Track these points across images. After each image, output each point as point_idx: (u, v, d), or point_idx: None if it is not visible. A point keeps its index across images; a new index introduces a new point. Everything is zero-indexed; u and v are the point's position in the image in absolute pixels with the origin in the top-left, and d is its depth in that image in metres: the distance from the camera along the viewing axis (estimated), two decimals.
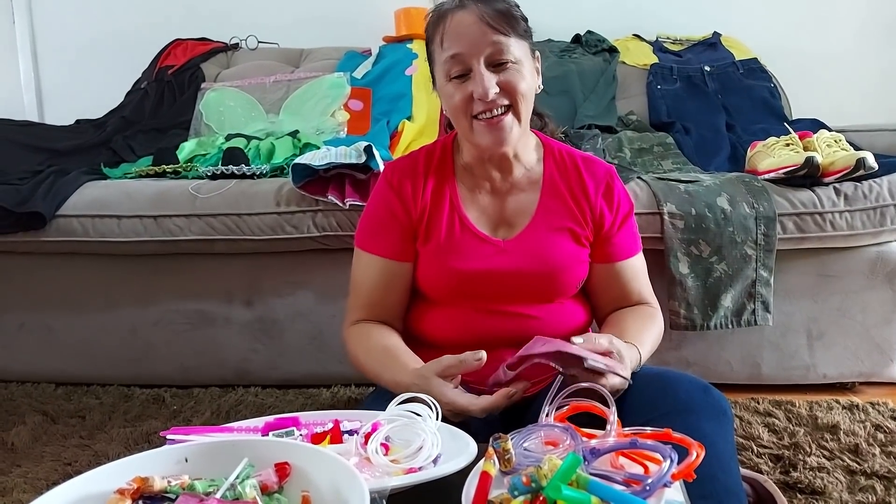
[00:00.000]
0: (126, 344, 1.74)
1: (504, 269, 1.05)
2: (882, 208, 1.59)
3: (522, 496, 0.58)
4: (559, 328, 1.07)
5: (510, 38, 0.98)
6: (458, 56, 0.99)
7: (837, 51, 2.61)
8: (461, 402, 0.89)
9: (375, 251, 1.10)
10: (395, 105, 2.26)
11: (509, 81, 0.99)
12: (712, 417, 0.87)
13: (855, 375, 1.70)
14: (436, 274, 1.07)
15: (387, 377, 1.01)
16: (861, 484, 1.20)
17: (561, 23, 2.56)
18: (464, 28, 0.98)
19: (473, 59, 0.98)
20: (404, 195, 1.09)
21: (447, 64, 1.00)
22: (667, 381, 0.93)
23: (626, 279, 1.12)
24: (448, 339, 1.07)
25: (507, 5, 1.01)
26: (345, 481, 0.60)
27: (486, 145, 1.02)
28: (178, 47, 2.58)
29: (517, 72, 0.99)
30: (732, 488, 0.81)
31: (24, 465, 1.34)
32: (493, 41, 0.97)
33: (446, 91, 1.02)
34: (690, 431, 0.68)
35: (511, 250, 1.06)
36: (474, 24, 0.98)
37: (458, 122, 1.04)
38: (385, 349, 1.05)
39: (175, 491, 0.59)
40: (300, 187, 1.60)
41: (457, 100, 1.00)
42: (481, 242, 1.07)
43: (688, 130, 2.18)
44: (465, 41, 0.98)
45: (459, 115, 1.02)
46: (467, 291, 1.06)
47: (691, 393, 0.90)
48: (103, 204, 1.66)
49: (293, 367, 1.74)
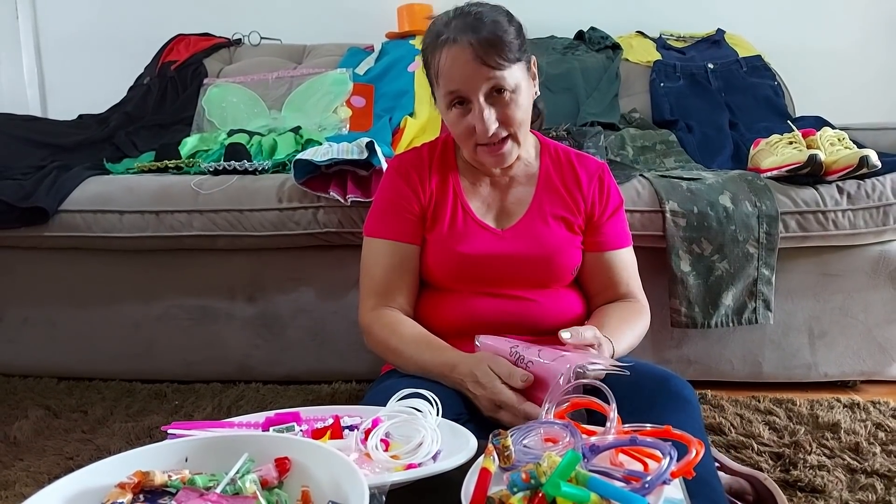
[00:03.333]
0: (128, 339, 1.75)
1: (503, 253, 1.11)
2: (885, 207, 1.58)
3: (522, 493, 0.58)
4: (557, 313, 1.12)
5: (504, 71, 1.02)
6: (457, 92, 1.04)
7: (841, 49, 2.61)
8: (507, 394, 0.90)
9: (386, 235, 1.14)
10: (397, 101, 2.26)
11: (507, 116, 1.05)
12: (676, 409, 0.88)
13: (856, 374, 1.70)
14: (441, 259, 1.12)
15: (427, 357, 1.03)
16: (861, 482, 1.20)
17: (564, 19, 2.56)
18: (459, 67, 1.02)
19: (472, 95, 1.03)
20: (412, 183, 1.15)
21: (447, 97, 1.06)
22: (632, 376, 0.94)
23: (614, 269, 1.17)
24: (450, 324, 1.11)
25: (497, 32, 1.02)
26: (345, 476, 0.60)
27: (489, 166, 1.13)
28: (180, 43, 2.58)
29: (514, 102, 1.05)
30: (705, 477, 0.81)
31: (26, 458, 1.34)
32: (489, 77, 1.02)
33: (449, 118, 1.09)
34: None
35: (509, 237, 1.12)
36: (468, 63, 1.01)
37: (462, 145, 1.12)
38: (425, 335, 1.08)
39: (175, 485, 0.59)
40: (302, 183, 1.60)
41: (460, 130, 1.08)
42: (482, 230, 1.13)
43: (691, 128, 2.18)
44: (463, 80, 1.03)
45: (463, 141, 1.10)
46: (469, 275, 1.11)
47: (652, 387, 0.92)
48: (106, 199, 1.67)
49: (295, 363, 1.74)
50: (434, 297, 1.15)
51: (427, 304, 1.15)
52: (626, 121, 2.25)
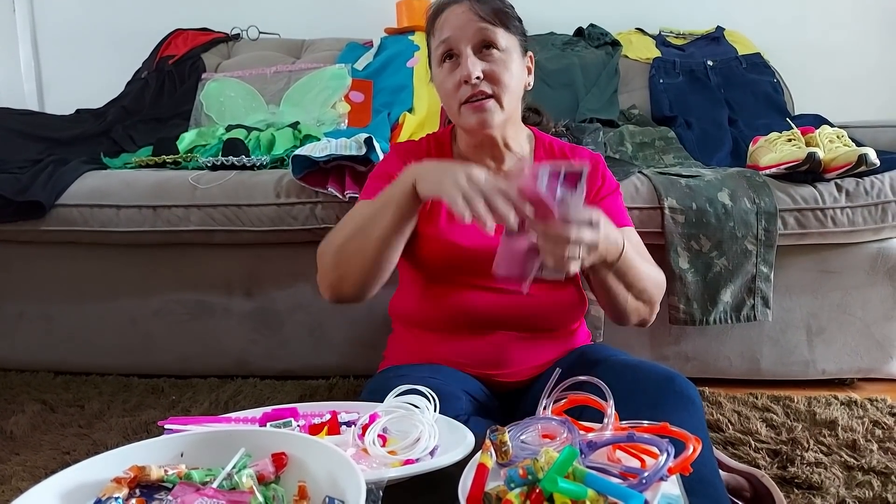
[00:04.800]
0: (125, 334, 1.75)
1: (495, 245, 1.06)
2: (883, 204, 1.58)
3: (519, 488, 0.58)
4: (553, 308, 1.12)
5: (498, 28, 1.07)
6: (448, 40, 1.07)
7: (841, 46, 2.60)
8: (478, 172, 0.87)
9: (371, 197, 1.09)
10: (396, 97, 2.25)
11: (493, 72, 1.06)
12: (680, 408, 0.88)
13: (854, 371, 1.70)
14: (436, 251, 1.11)
15: (367, 209, 1.02)
16: (858, 479, 1.20)
17: (564, 16, 2.56)
18: (454, 16, 1.07)
19: (462, 44, 1.06)
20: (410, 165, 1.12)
21: (438, 49, 1.09)
22: (635, 375, 0.95)
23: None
24: (444, 317, 1.11)
25: (501, 4, 1.09)
26: (342, 472, 0.60)
27: (472, 126, 1.09)
28: (178, 37, 2.57)
29: (502, 62, 1.07)
30: (708, 477, 0.81)
31: (22, 453, 1.34)
32: (480, 28, 1.06)
33: (438, 77, 1.11)
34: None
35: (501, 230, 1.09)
36: (464, 14, 1.07)
37: (448, 107, 1.12)
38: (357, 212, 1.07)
39: (172, 480, 0.59)
40: (300, 179, 1.60)
41: (447, 86, 1.09)
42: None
43: (690, 125, 2.18)
44: (455, 27, 1.07)
45: (450, 100, 1.10)
46: (464, 268, 1.10)
47: (658, 385, 0.91)
48: (103, 193, 1.66)
49: (292, 358, 1.74)
50: (428, 290, 1.13)
51: (421, 297, 1.14)
52: (625, 117, 2.24)
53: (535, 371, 1.10)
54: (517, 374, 1.10)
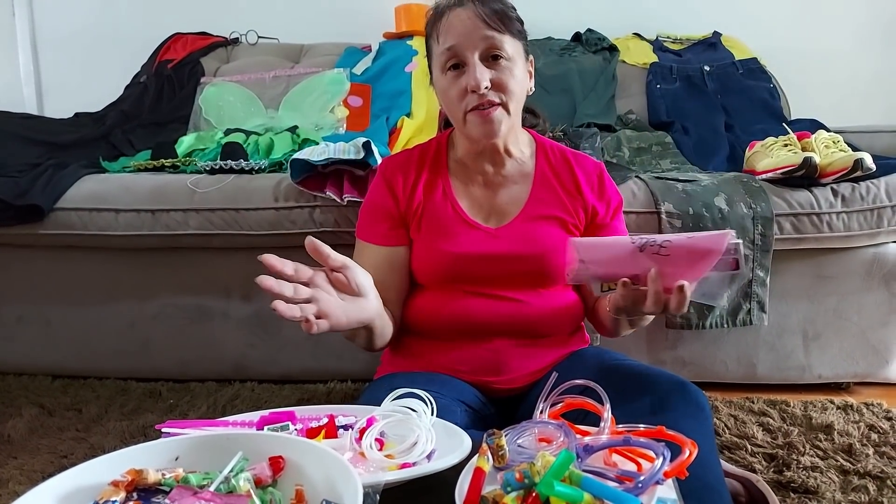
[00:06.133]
0: (123, 337, 1.75)
1: (494, 252, 1.09)
2: (879, 210, 1.59)
3: (515, 492, 0.58)
4: (551, 316, 1.11)
5: (504, 35, 1.03)
6: (454, 48, 1.03)
7: (837, 51, 2.62)
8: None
9: (371, 240, 1.15)
10: (394, 102, 2.26)
11: (501, 79, 1.03)
12: (690, 415, 0.87)
13: (850, 376, 1.71)
14: (429, 258, 1.11)
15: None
16: (854, 484, 1.20)
17: (561, 21, 2.57)
18: (459, 23, 1.03)
19: (468, 52, 1.03)
20: (395, 187, 1.14)
21: (443, 56, 1.05)
22: (645, 379, 0.95)
23: None
24: (442, 324, 1.10)
25: (504, 6, 1.06)
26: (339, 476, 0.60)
27: (478, 136, 1.07)
28: (177, 41, 2.57)
29: (509, 70, 1.04)
30: (713, 485, 0.81)
31: (20, 457, 1.34)
32: (487, 36, 1.02)
33: (441, 84, 1.07)
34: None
35: (502, 236, 1.11)
36: (470, 20, 1.03)
37: (452, 115, 1.09)
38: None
39: (169, 483, 0.59)
40: (298, 183, 1.60)
41: (452, 94, 1.05)
42: (472, 229, 1.11)
43: (687, 130, 2.18)
44: (461, 35, 1.03)
45: (454, 108, 1.07)
46: (459, 274, 1.09)
47: (669, 391, 0.91)
48: (101, 197, 1.66)
49: (290, 363, 1.74)
50: (426, 298, 1.13)
51: (419, 305, 1.13)
52: (622, 122, 2.25)
53: (532, 377, 1.10)
54: (515, 380, 1.10)
